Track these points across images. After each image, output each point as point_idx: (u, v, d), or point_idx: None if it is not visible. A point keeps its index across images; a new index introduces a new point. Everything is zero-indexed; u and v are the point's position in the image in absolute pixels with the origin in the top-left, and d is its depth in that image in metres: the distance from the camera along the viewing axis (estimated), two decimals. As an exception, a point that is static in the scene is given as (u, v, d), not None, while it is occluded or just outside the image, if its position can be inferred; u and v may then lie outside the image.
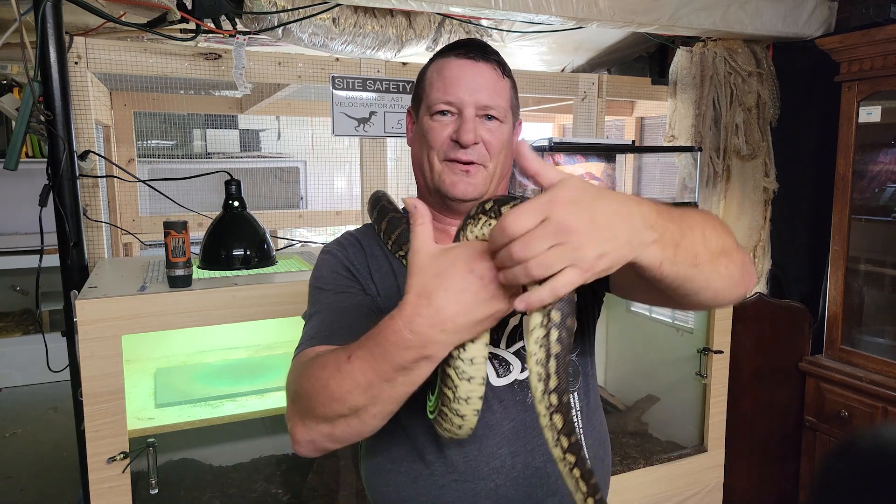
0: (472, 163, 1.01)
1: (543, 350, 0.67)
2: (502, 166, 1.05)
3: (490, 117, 1.01)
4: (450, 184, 1.01)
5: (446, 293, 0.69)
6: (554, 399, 0.68)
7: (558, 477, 0.98)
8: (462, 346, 0.74)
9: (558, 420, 0.68)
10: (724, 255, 0.80)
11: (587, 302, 1.09)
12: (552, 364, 0.67)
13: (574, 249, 0.61)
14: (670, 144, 2.86)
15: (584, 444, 1.03)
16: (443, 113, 1.01)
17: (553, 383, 0.68)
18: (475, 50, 1.03)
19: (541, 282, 0.63)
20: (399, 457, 1.02)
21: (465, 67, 1.02)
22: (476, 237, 0.76)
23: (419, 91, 1.07)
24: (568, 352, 0.68)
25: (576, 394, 1.05)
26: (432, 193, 1.06)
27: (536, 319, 0.67)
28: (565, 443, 0.69)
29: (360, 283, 1.03)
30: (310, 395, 0.80)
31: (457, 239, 0.79)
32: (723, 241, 0.80)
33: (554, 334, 0.67)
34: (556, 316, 0.66)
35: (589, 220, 0.61)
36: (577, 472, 0.69)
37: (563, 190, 0.63)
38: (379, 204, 1.13)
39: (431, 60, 1.07)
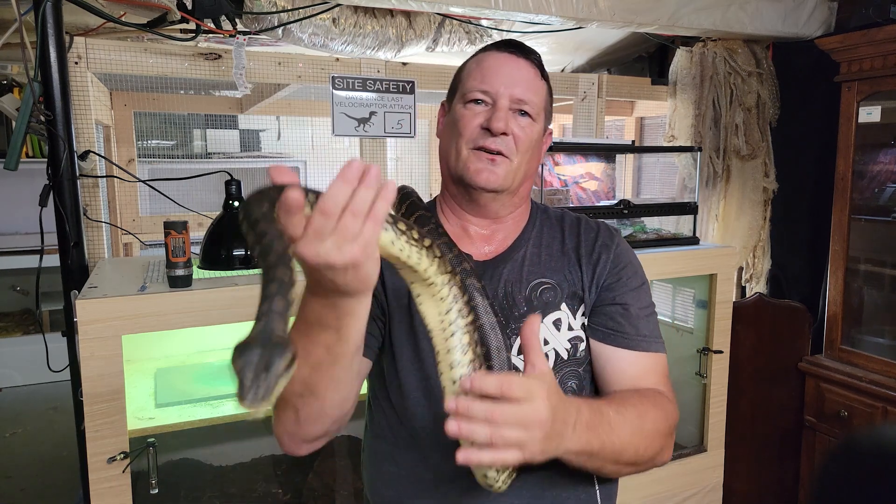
0: (499, 153, 1.00)
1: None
2: (528, 165, 1.04)
3: (523, 113, 1.01)
4: (474, 171, 1.00)
5: None
6: None
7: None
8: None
9: None
10: (631, 465, 0.91)
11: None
12: None
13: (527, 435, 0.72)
14: (670, 144, 2.86)
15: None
16: (477, 102, 1.01)
17: None
18: (517, 47, 1.05)
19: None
20: (404, 463, 1.01)
21: (505, 60, 1.02)
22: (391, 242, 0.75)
23: (455, 82, 1.08)
24: None
25: None
26: (456, 183, 1.05)
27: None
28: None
29: None
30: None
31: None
32: (637, 452, 0.90)
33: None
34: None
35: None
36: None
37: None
38: (409, 199, 1.09)
39: (473, 56, 1.08)
